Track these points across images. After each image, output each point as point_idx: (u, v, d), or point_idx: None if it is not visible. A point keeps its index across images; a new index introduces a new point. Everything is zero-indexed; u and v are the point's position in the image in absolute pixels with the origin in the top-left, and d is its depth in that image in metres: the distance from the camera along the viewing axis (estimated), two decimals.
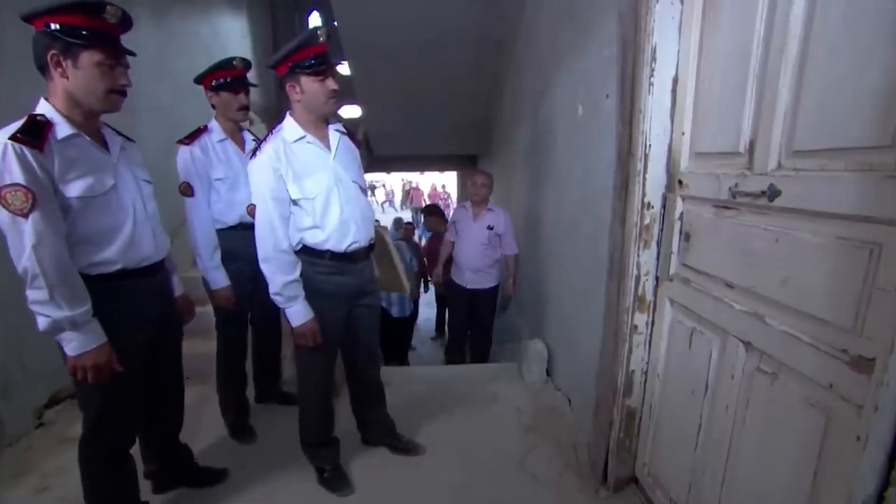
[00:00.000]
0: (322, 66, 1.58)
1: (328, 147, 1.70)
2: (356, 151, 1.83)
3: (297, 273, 1.65)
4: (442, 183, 17.74)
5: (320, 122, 1.71)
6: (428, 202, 15.90)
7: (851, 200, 0.91)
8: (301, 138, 1.64)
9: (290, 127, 1.65)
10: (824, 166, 0.98)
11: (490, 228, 3.31)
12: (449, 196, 16.99)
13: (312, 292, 1.68)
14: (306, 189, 1.62)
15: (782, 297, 1.08)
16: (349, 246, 1.70)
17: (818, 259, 0.99)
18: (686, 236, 1.46)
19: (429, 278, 5.25)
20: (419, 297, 5.36)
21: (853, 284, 0.91)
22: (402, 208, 18.22)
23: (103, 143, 1.38)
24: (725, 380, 1.28)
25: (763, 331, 1.14)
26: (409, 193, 18.26)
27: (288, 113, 1.68)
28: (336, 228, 1.67)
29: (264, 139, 1.66)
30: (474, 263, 3.38)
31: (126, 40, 1.35)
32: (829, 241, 0.96)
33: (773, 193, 1.10)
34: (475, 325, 3.60)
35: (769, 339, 1.12)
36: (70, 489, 1.77)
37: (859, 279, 0.89)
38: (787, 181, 1.07)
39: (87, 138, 1.31)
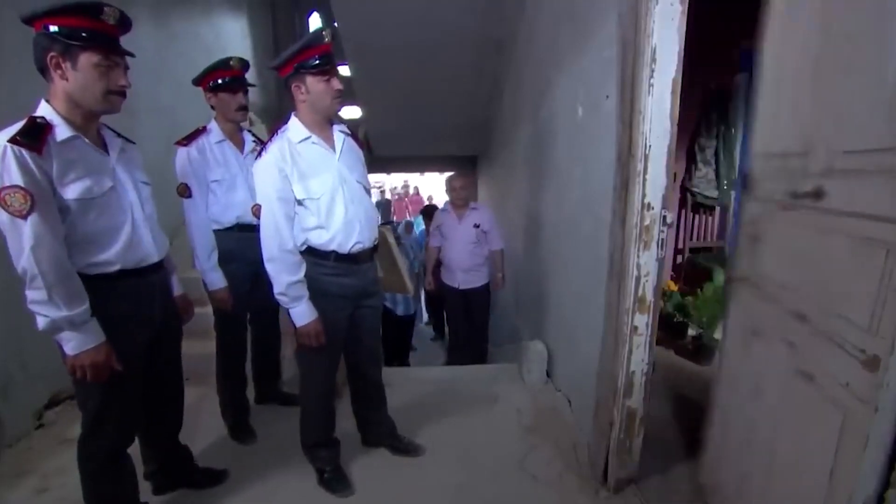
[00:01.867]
0: (327, 66, 1.59)
1: (333, 148, 1.71)
2: (360, 152, 1.84)
3: (302, 273, 1.65)
4: (429, 194, 12.23)
5: (325, 122, 1.71)
6: (410, 216, 11.10)
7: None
8: (306, 139, 1.65)
9: (295, 127, 1.65)
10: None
11: (477, 226, 3.33)
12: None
13: (317, 293, 1.68)
14: (311, 189, 1.63)
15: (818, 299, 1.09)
16: (353, 246, 1.71)
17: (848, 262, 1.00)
18: None
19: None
20: (420, 297, 5.36)
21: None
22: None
23: (103, 145, 1.39)
24: None
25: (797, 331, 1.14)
26: (391, 205, 11.94)
27: (293, 114, 1.69)
28: (341, 229, 1.67)
29: (269, 140, 1.66)
30: (464, 263, 3.40)
31: (126, 41, 1.35)
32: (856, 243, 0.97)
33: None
34: (470, 325, 3.61)
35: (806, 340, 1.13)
36: (70, 490, 1.77)
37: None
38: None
39: (87, 140, 1.32)
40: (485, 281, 3.48)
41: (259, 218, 1.65)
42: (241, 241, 1.99)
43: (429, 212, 5.21)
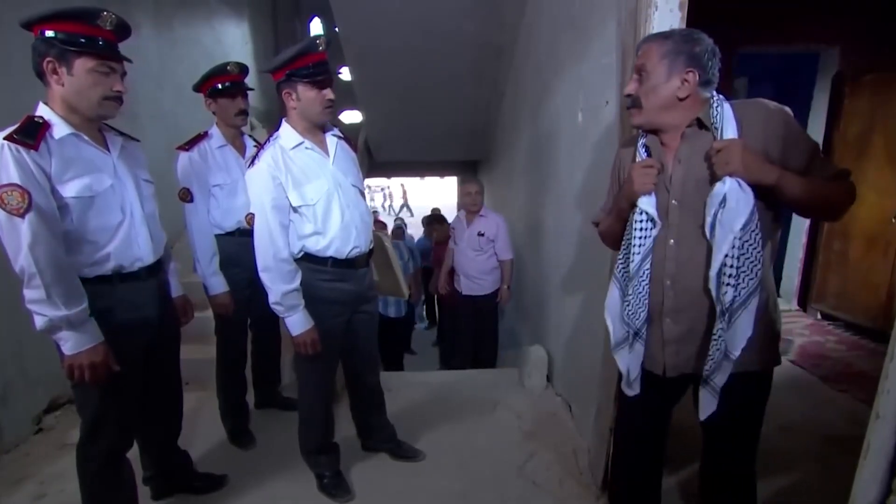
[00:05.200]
0: (320, 76, 1.57)
1: (326, 152, 1.70)
2: (354, 155, 1.83)
3: (297, 282, 1.64)
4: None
5: (316, 128, 1.70)
6: None
7: None
8: (299, 144, 1.64)
9: (287, 134, 1.65)
10: None
11: (481, 235, 3.32)
12: None
13: (315, 299, 1.68)
14: (307, 196, 1.62)
15: None
16: (351, 251, 1.70)
17: None
18: None
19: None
20: (418, 300, 5.31)
21: None
22: None
23: (103, 143, 1.38)
24: None
25: None
26: None
27: (284, 120, 1.67)
28: (338, 234, 1.67)
29: (262, 147, 1.66)
30: (467, 270, 3.41)
31: (127, 47, 1.36)
32: None
33: None
34: (477, 332, 3.60)
35: None
36: (68, 496, 1.77)
37: None
38: None
39: (86, 137, 1.31)
40: (492, 289, 3.45)
41: (253, 227, 1.64)
42: (242, 246, 1.99)
43: (430, 220, 5.21)
